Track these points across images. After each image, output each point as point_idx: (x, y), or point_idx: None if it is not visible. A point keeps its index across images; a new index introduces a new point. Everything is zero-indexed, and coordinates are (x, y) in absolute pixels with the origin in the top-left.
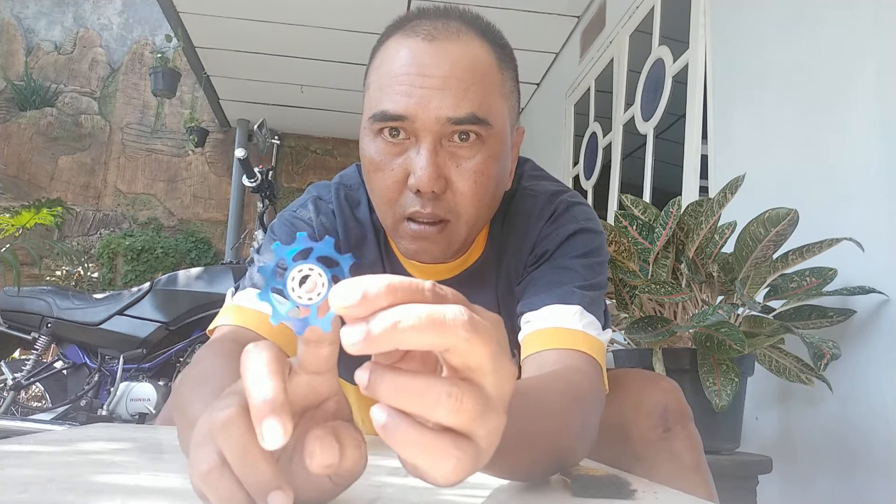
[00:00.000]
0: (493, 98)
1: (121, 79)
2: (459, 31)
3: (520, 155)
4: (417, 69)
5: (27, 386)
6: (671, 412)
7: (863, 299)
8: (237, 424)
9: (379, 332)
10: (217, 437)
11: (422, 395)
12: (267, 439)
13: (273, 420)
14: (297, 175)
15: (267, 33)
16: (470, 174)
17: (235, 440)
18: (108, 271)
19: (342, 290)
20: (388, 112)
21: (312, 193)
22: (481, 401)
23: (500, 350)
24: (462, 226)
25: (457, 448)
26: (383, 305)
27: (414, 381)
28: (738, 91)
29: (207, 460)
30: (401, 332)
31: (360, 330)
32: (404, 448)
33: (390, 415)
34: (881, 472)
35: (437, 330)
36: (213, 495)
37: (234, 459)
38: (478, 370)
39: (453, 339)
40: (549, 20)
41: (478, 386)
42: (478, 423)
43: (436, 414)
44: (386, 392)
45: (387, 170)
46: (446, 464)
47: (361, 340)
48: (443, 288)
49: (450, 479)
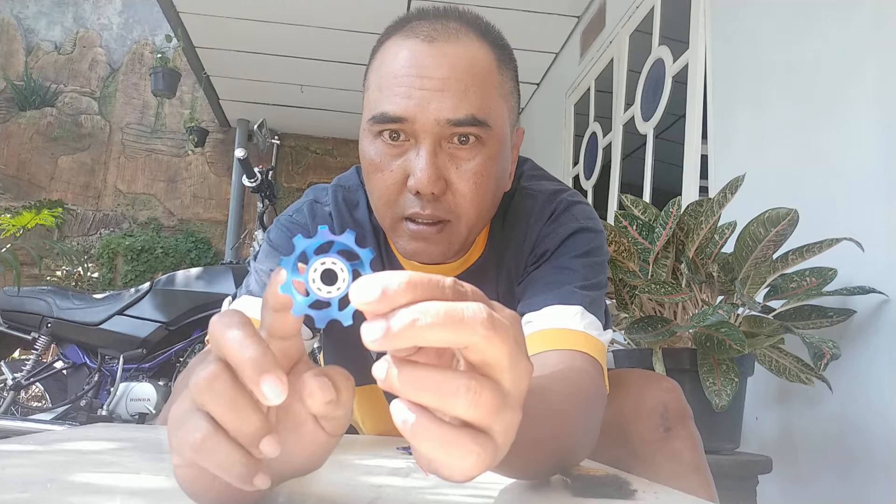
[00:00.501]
0: (493, 99)
1: (121, 79)
2: (459, 31)
3: (519, 155)
4: (417, 71)
5: (27, 386)
6: (672, 412)
7: (863, 299)
8: (222, 379)
9: (398, 329)
10: (203, 397)
11: (440, 389)
12: (269, 395)
13: (271, 376)
14: (297, 175)
15: (267, 33)
16: (469, 175)
17: (223, 393)
18: (108, 271)
19: (362, 287)
20: (388, 114)
21: (309, 197)
22: (499, 396)
23: (518, 347)
24: (462, 227)
25: (477, 443)
26: (403, 302)
27: (432, 374)
28: (738, 91)
29: (198, 429)
30: (420, 329)
31: (380, 327)
32: (425, 443)
33: (411, 410)
34: (881, 472)
35: (457, 327)
36: (211, 462)
37: (224, 414)
38: (496, 367)
39: (472, 337)
40: (549, 20)
41: (495, 382)
42: (495, 418)
43: (454, 407)
44: (404, 385)
45: (386, 171)
46: (467, 459)
47: (381, 338)
48: (463, 284)
49: (468, 475)
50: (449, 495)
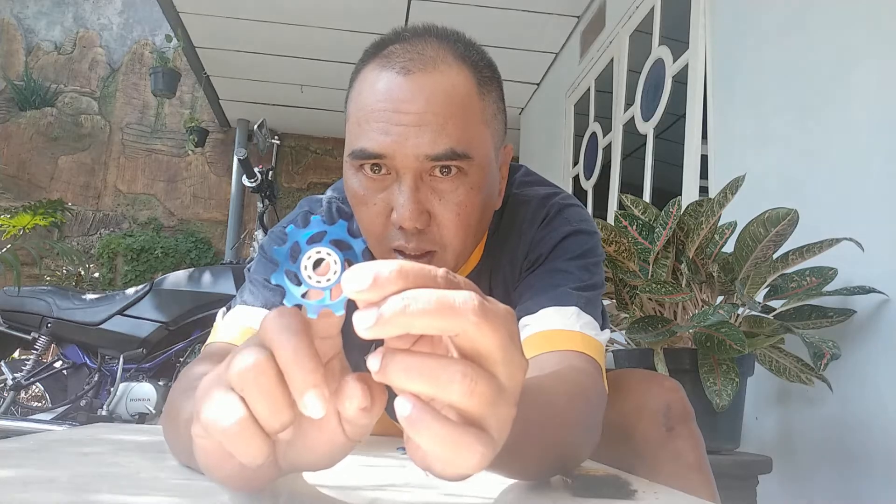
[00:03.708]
0: (474, 128)
1: (121, 79)
2: (436, 60)
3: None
4: (393, 105)
5: (27, 386)
6: (674, 412)
7: (863, 299)
8: (268, 374)
9: (389, 315)
10: (244, 385)
11: (436, 375)
12: (310, 408)
13: (318, 392)
14: (297, 175)
15: (267, 33)
16: (453, 207)
17: (266, 388)
18: (108, 271)
19: (354, 275)
20: (367, 150)
21: (304, 208)
22: (494, 387)
23: (511, 341)
24: (448, 256)
25: (480, 442)
26: (395, 290)
27: (427, 361)
28: (738, 91)
29: (233, 414)
30: (411, 315)
31: (372, 314)
32: (427, 439)
33: (416, 406)
34: (881, 472)
35: (448, 314)
36: (237, 447)
37: (262, 407)
38: (488, 358)
39: (463, 324)
40: (549, 20)
41: (490, 373)
42: (491, 409)
43: (449, 394)
44: (399, 374)
45: (370, 204)
46: (468, 457)
47: (373, 325)
48: (455, 275)
49: (465, 473)
50: (449, 495)
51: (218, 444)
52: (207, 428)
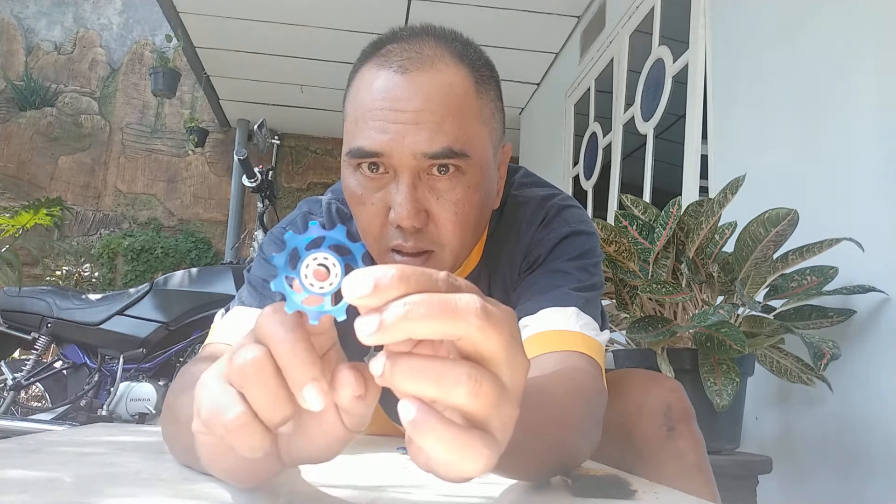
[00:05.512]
0: (471, 126)
1: (121, 79)
2: (434, 58)
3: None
4: (390, 104)
5: (27, 386)
6: (675, 412)
7: (863, 299)
8: (267, 371)
9: (391, 321)
10: (243, 381)
11: (440, 378)
12: (309, 401)
13: (317, 385)
14: (297, 175)
15: (267, 33)
16: (450, 206)
17: (266, 384)
18: (108, 271)
19: (354, 281)
20: (364, 149)
21: (303, 209)
22: (498, 387)
23: (514, 342)
24: (447, 255)
25: (486, 445)
26: (396, 295)
27: (431, 363)
28: (738, 91)
29: (234, 411)
30: (413, 320)
31: (374, 320)
32: (434, 443)
33: (420, 410)
34: (881, 472)
35: (450, 318)
36: (240, 443)
37: (262, 403)
38: (491, 360)
39: (466, 327)
40: (549, 20)
41: (494, 374)
42: (495, 410)
43: (455, 396)
44: (403, 377)
45: (368, 203)
46: (476, 460)
47: (375, 331)
48: (456, 278)
49: (469, 476)
50: (449, 496)
51: (219, 439)
52: (208, 423)
